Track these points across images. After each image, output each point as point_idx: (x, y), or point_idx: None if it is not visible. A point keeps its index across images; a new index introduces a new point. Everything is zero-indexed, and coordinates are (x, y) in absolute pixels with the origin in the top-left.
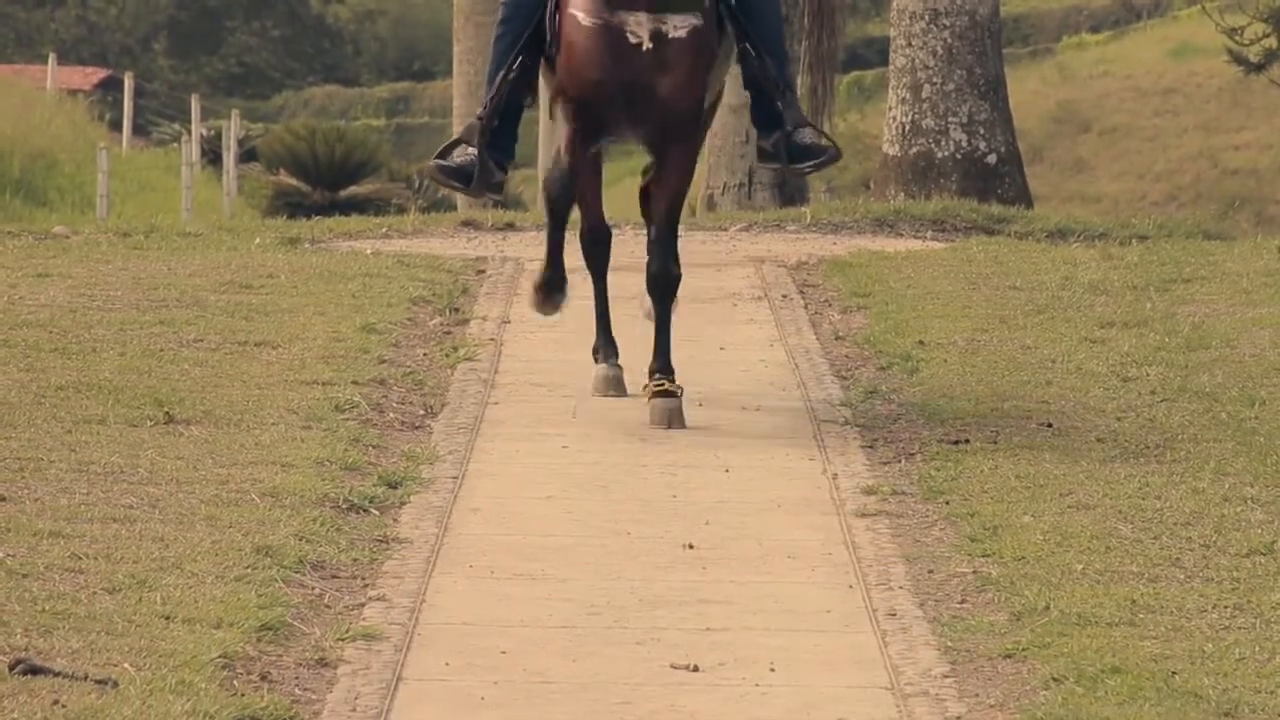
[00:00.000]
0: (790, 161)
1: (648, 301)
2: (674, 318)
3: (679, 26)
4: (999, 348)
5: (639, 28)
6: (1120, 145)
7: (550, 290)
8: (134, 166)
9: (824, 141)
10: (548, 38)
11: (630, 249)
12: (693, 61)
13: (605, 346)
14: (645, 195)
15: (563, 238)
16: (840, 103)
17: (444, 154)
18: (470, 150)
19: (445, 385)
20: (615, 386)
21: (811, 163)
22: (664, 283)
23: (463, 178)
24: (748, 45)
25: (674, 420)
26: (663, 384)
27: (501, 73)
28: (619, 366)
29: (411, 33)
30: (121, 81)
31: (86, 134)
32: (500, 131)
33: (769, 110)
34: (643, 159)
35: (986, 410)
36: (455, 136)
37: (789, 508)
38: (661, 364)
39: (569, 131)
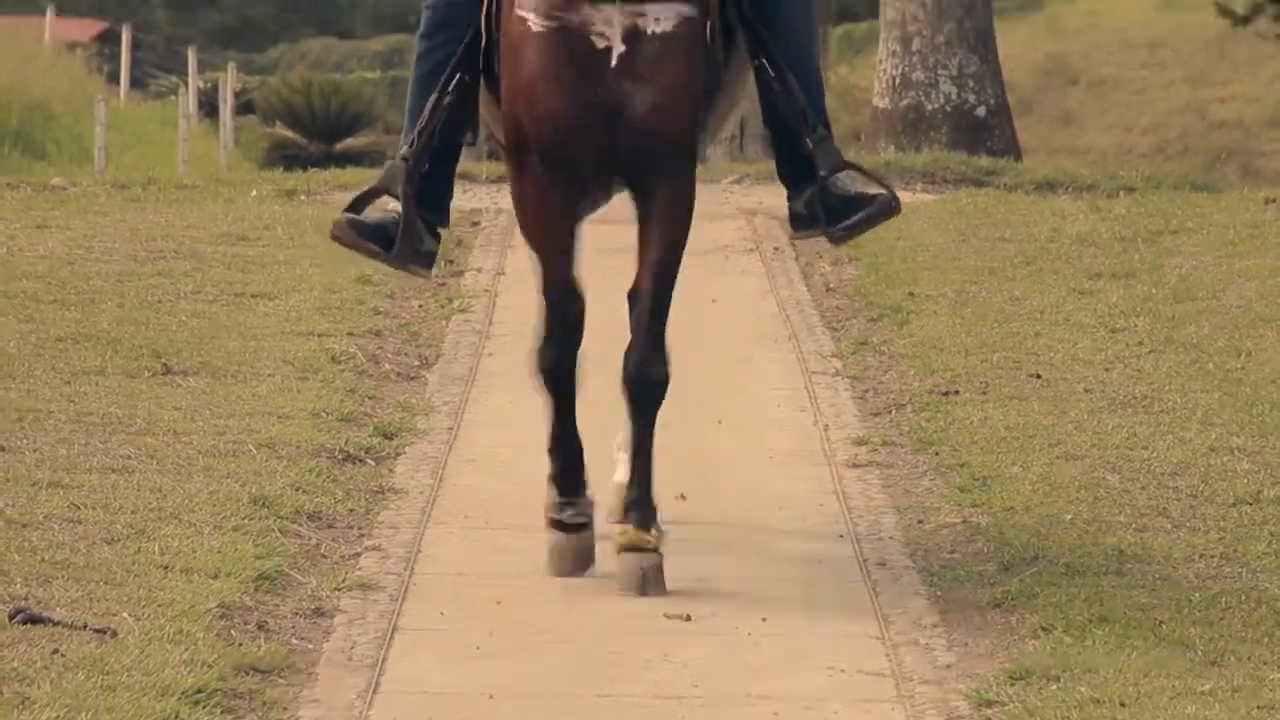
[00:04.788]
0: (830, 221)
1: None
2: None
3: (662, 18)
4: (988, 299)
5: (608, 26)
6: (1108, 98)
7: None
8: (131, 119)
9: (872, 188)
10: (487, 43)
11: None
12: (682, 64)
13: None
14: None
15: (575, 432)
16: (831, 55)
17: (357, 206)
18: (393, 205)
19: (440, 336)
20: (580, 561)
21: (858, 216)
22: (645, 385)
23: (382, 240)
24: (764, 61)
25: (650, 583)
26: (631, 533)
27: (434, 95)
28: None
29: None
30: (119, 34)
31: (84, 86)
32: (432, 179)
33: (796, 155)
34: None
35: (976, 361)
36: (371, 184)
37: (780, 458)
38: (637, 497)
39: (535, 196)
